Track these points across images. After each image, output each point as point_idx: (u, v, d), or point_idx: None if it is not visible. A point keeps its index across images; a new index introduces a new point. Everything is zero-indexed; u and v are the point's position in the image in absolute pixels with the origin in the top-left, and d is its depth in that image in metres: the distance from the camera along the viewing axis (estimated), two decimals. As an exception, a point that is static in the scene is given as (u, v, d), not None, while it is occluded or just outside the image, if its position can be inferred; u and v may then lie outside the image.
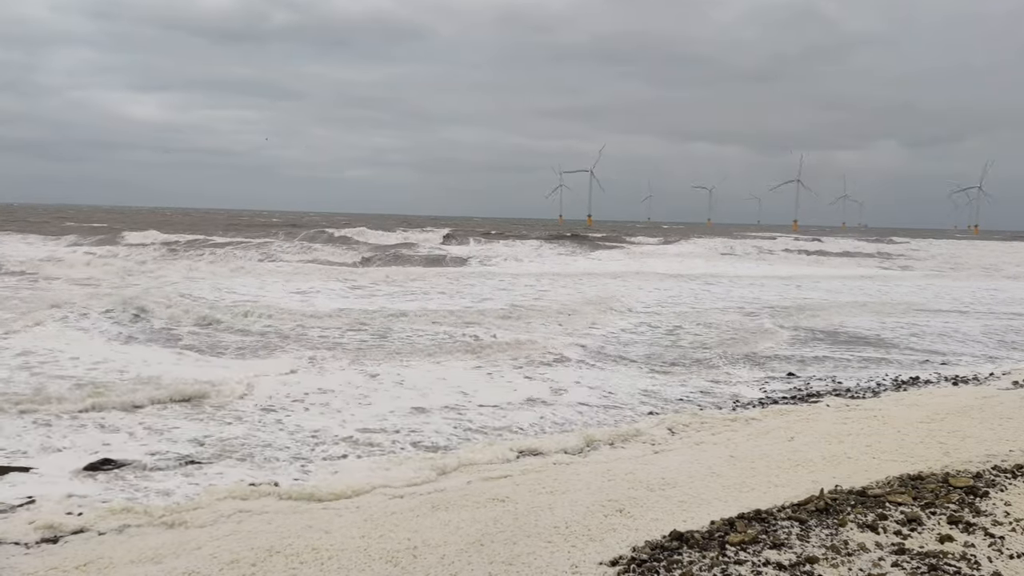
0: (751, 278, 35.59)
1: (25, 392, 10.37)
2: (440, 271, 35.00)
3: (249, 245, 42.05)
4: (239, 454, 8.56)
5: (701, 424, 10.10)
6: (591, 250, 51.41)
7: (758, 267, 44.81)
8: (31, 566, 5.53)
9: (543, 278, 31.77)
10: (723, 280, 33.80)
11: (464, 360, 13.96)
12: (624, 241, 60.15)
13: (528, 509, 6.66)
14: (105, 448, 8.44)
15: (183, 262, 34.20)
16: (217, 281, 25.43)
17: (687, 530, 5.95)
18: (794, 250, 59.75)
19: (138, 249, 39.15)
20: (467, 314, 19.82)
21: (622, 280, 31.88)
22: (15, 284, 23.62)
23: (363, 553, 5.76)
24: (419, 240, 51.84)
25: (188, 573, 5.39)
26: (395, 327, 17.36)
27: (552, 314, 20.28)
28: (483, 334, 16.72)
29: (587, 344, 15.94)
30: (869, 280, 37.03)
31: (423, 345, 15.41)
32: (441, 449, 8.94)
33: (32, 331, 14.94)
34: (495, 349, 15.05)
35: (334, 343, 15.29)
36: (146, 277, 26.98)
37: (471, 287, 27.13)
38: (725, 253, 54.75)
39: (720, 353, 15.51)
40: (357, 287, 25.74)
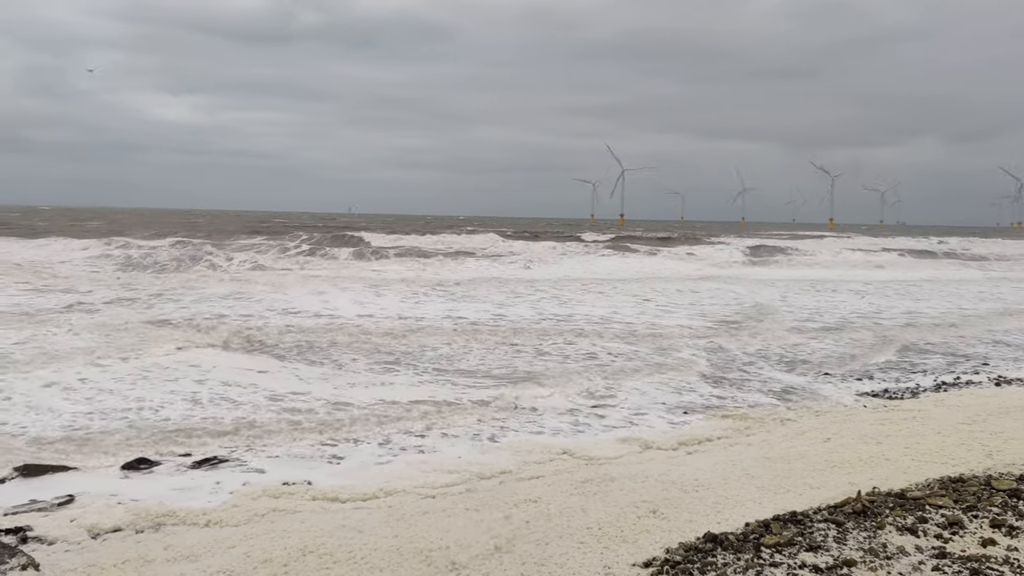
0: (879, 282, 33.49)
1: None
2: (548, 275, 33.22)
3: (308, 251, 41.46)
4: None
5: (740, 424, 10.02)
6: (679, 252, 50.05)
7: (877, 272, 41.99)
8: (71, 563, 5.62)
9: (675, 281, 31.00)
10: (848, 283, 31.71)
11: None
12: (707, 241, 58.87)
13: (560, 510, 6.64)
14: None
15: (272, 275, 30.55)
16: (330, 296, 23.18)
17: (721, 532, 5.88)
18: (894, 250, 58.00)
19: (214, 253, 37.74)
20: (637, 326, 18.55)
21: (774, 287, 29.87)
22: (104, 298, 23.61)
23: (396, 552, 5.77)
24: (483, 243, 49.43)
25: (223, 571, 5.45)
26: (577, 343, 15.93)
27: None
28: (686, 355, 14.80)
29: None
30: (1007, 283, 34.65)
31: (620, 367, 13.77)
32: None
33: (176, 355, 13.42)
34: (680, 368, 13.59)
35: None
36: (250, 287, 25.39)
37: (606, 293, 25.94)
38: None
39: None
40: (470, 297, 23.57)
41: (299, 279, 28.03)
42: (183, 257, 35.75)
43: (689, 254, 49.38)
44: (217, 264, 33.88)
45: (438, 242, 48.88)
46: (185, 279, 27.40)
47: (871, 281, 34.10)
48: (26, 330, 15.38)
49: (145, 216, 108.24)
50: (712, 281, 31.73)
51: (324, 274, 30.84)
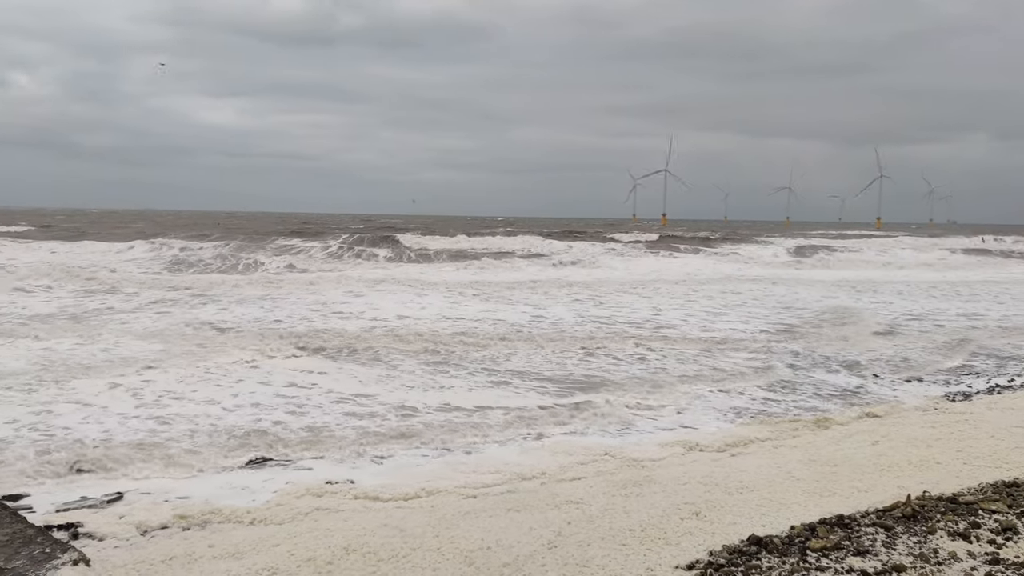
0: (928, 283, 32.62)
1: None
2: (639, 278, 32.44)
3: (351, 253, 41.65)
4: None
5: (778, 426, 9.88)
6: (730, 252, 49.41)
7: (928, 272, 40.53)
8: (120, 559, 5.73)
9: (719, 282, 30.61)
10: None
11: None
12: (751, 241, 57.73)
13: (602, 511, 6.60)
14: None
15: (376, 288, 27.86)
16: (373, 298, 22.86)
17: (766, 535, 5.79)
18: (946, 249, 56.37)
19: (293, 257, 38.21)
20: (684, 328, 18.22)
21: (821, 287, 29.38)
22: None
23: (437, 552, 5.78)
24: (523, 244, 48.70)
25: (267, 569, 5.50)
26: (624, 346, 15.50)
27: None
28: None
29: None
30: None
31: (666, 367, 13.64)
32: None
33: (289, 363, 13.31)
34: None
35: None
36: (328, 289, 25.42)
37: (647, 295, 25.62)
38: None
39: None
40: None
41: (340, 280, 28.23)
42: (227, 256, 36.35)
43: (734, 254, 48.82)
44: (261, 264, 34.31)
45: (478, 243, 48.86)
46: (231, 280, 27.80)
47: (922, 281, 33.37)
48: (79, 333, 15.75)
49: (190, 218, 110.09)
50: (758, 282, 31.27)
51: (366, 275, 31.00)
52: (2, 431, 8.83)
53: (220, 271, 32.89)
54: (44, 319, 17.42)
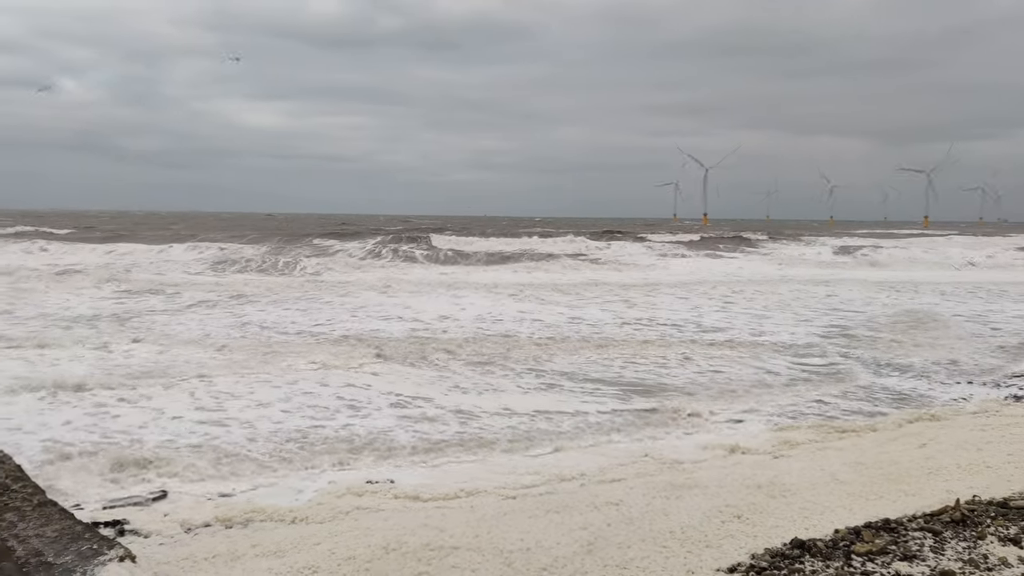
0: (976, 283, 31.47)
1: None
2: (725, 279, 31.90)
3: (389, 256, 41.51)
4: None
5: (822, 428, 9.73)
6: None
7: (979, 272, 39.25)
8: (164, 556, 5.81)
9: (764, 283, 30.05)
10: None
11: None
12: (796, 241, 56.39)
13: (642, 513, 6.55)
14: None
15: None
16: (414, 301, 22.35)
17: (809, 538, 5.70)
18: (999, 248, 54.47)
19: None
20: (730, 330, 17.63)
21: (870, 288, 28.63)
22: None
23: (477, 552, 5.78)
24: (563, 245, 48.01)
25: (308, 568, 5.54)
26: (669, 350, 15.13)
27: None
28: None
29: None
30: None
31: (708, 368, 13.49)
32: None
33: (361, 371, 12.88)
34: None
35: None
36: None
37: (685, 296, 25.11)
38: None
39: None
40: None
41: (377, 282, 28.41)
42: (266, 257, 36.77)
43: (778, 254, 48.09)
44: (300, 265, 34.63)
45: (516, 244, 48.81)
46: (270, 281, 28.14)
47: (969, 282, 32.55)
48: (124, 334, 16.05)
49: (231, 219, 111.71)
50: (804, 283, 30.64)
51: (404, 277, 31.18)
52: (57, 432, 9.01)
53: (260, 272, 33.29)
54: (88, 321, 17.76)
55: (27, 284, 25.26)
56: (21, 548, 4.73)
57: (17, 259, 36.14)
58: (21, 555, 4.64)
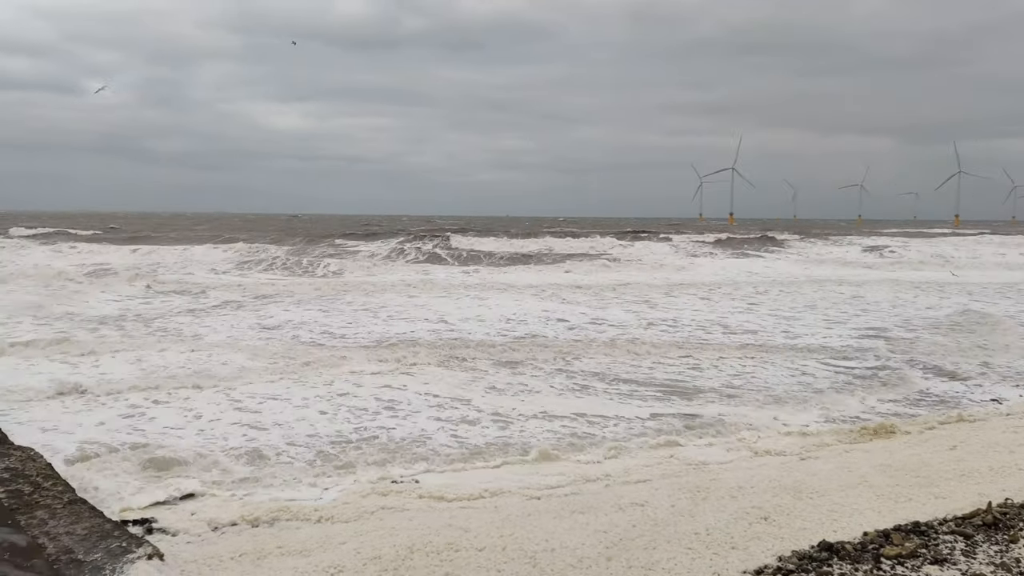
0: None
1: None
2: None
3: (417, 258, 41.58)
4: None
5: (851, 431, 9.61)
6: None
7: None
8: (192, 554, 5.86)
9: (792, 284, 29.15)
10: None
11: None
12: (824, 240, 55.30)
13: (668, 514, 6.52)
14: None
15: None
16: (441, 303, 22.03)
17: (837, 541, 5.64)
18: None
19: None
20: (763, 333, 17.09)
21: (902, 289, 27.80)
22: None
23: (501, 552, 5.78)
24: (586, 245, 47.38)
25: (333, 567, 5.57)
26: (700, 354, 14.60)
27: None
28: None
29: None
30: None
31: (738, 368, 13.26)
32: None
33: (424, 374, 12.77)
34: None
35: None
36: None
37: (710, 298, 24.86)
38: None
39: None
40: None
41: (401, 283, 28.49)
42: (289, 258, 37.00)
43: (807, 254, 47.54)
44: (325, 267, 34.82)
45: (539, 244, 48.71)
46: (293, 282, 28.33)
47: (1001, 283, 31.87)
48: (151, 334, 16.22)
49: (256, 220, 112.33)
50: (832, 283, 29.97)
51: (427, 278, 31.22)
52: (90, 432, 9.09)
53: (285, 272, 33.51)
54: (117, 321, 17.96)
55: (58, 283, 25.63)
56: (52, 545, 4.79)
57: (47, 259, 36.67)
58: (52, 552, 4.70)
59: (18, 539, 4.80)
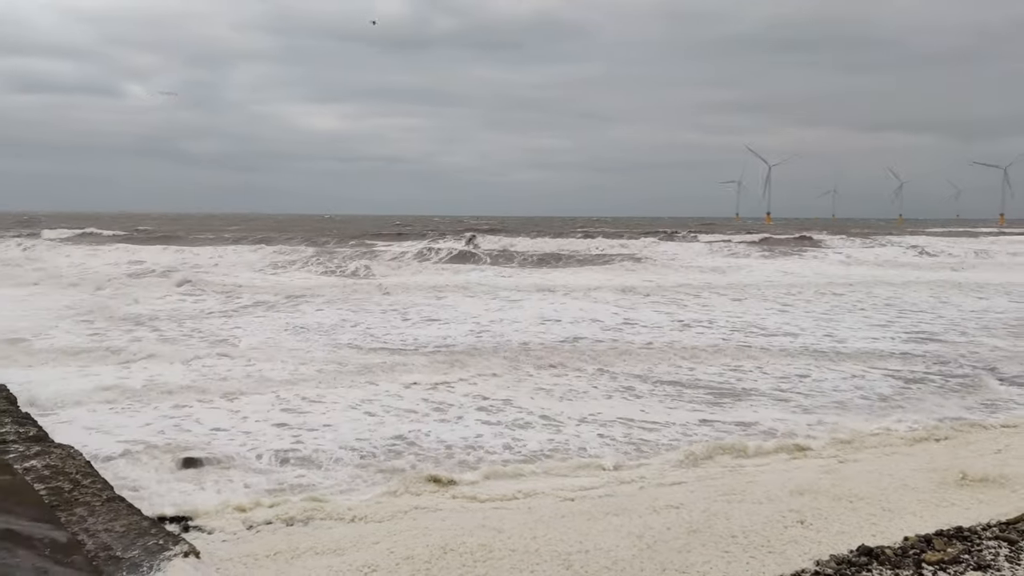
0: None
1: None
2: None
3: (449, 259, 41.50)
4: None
5: (891, 434, 9.44)
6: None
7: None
8: (227, 552, 5.92)
9: (835, 286, 27.93)
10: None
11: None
12: (866, 240, 53.97)
13: (702, 516, 6.44)
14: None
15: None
16: (468, 306, 21.70)
17: (877, 545, 5.53)
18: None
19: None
20: (807, 337, 16.35)
21: (951, 290, 26.79)
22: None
23: (534, 554, 5.76)
24: (617, 247, 46.41)
25: (367, 566, 5.59)
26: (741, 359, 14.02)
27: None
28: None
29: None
30: None
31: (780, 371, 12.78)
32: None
33: (467, 376, 12.56)
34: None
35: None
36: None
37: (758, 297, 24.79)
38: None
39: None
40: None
41: (434, 285, 28.49)
42: (321, 259, 37.25)
43: (844, 254, 46.60)
44: (364, 267, 35.01)
45: (574, 244, 48.58)
46: (327, 283, 28.49)
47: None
48: (183, 333, 16.43)
49: (289, 221, 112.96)
50: (872, 284, 29.08)
51: (458, 280, 31.14)
52: (134, 432, 9.19)
53: (317, 272, 33.71)
54: (161, 321, 18.20)
55: (105, 284, 26.12)
56: (91, 542, 4.85)
57: (86, 259, 37.40)
58: (91, 549, 4.76)
59: (58, 535, 4.86)
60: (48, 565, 4.48)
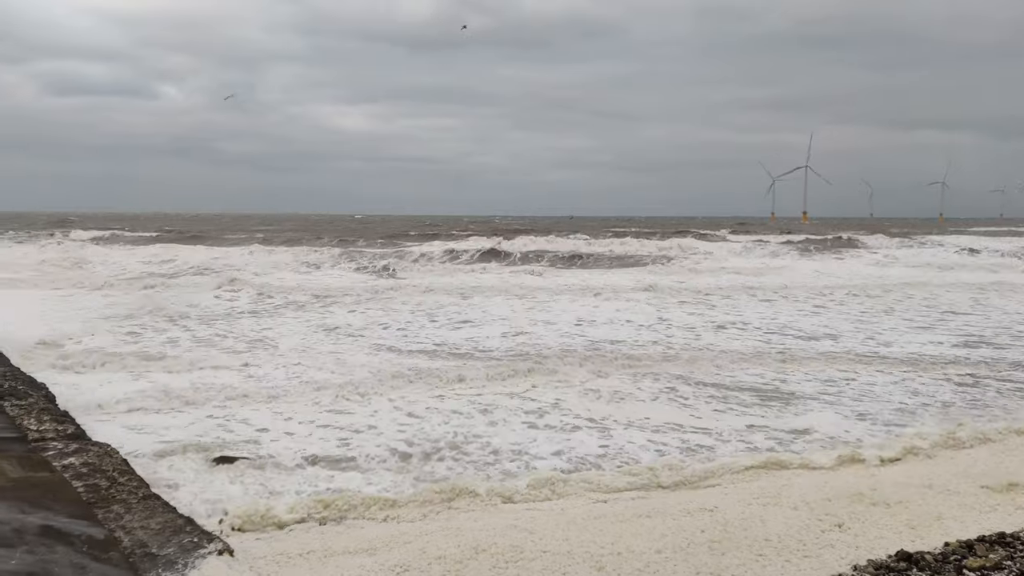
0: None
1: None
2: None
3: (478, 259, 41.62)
4: None
5: (939, 439, 9.25)
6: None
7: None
8: (261, 551, 5.95)
9: (877, 288, 26.97)
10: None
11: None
12: (908, 240, 52.30)
13: (737, 520, 6.37)
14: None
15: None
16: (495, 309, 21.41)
17: (916, 551, 5.43)
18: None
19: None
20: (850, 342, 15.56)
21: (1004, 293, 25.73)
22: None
23: (567, 556, 5.73)
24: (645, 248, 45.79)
25: (399, 566, 5.59)
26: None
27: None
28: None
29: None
30: None
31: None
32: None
33: (509, 379, 12.29)
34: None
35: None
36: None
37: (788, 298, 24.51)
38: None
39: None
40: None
41: (465, 286, 28.44)
42: (345, 260, 37.48)
43: (882, 255, 45.71)
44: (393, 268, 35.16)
45: (605, 245, 48.18)
46: (359, 285, 28.63)
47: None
48: (218, 332, 16.59)
49: (318, 221, 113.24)
50: (915, 286, 27.98)
51: (491, 281, 31.07)
52: (172, 432, 9.26)
53: (347, 271, 33.92)
54: (184, 320, 18.43)
55: (143, 284, 26.52)
56: (127, 539, 4.91)
57: (123, 259, 38.01)
58: (127, 545, 4.82)
59: (96, 532, 4.94)
60: (86, 561, 4.54)
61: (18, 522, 4.93)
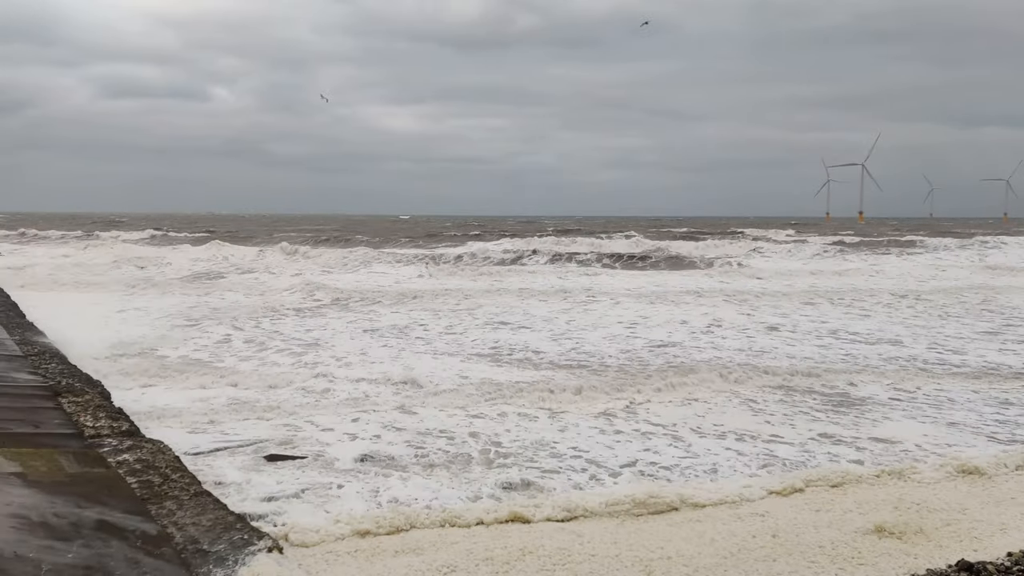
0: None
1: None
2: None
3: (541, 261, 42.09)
4: None
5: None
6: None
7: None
8: (310, 548, 6.00)
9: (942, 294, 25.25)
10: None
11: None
12: (971, 242, 49.88)
13: (789, 526, 6.24)
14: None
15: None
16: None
17: (978, 561, 5.25)
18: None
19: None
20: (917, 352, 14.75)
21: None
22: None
23: (615, 560, 5.67)
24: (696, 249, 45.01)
25: (446, 566, 5.59)
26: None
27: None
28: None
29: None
30: None
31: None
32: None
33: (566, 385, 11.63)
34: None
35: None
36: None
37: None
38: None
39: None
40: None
41: (516, 289, 28.34)
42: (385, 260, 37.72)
43: (945, 256, 44.13)
44: (445, 270, 35.27)
45: (656, 246, 47.57)
46: (409, 288, 28.72)
47: None
48: (262, 330, 16.82)
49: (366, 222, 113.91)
50: (979, 290, 26.31)
51: (540, 284, 30.97)
52: (225, 429, 9.39)
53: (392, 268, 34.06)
54: (246, 319, 18.71)
55: (203, 286, 27.04)
56: (179, 535, 4.98)
57: (179, 260, 38.81)
58: (179, 541, 4.89)
59: (149, 528, 5.02)
60: (140, 556, 4.62)
61: (75, 516, 5.05)
